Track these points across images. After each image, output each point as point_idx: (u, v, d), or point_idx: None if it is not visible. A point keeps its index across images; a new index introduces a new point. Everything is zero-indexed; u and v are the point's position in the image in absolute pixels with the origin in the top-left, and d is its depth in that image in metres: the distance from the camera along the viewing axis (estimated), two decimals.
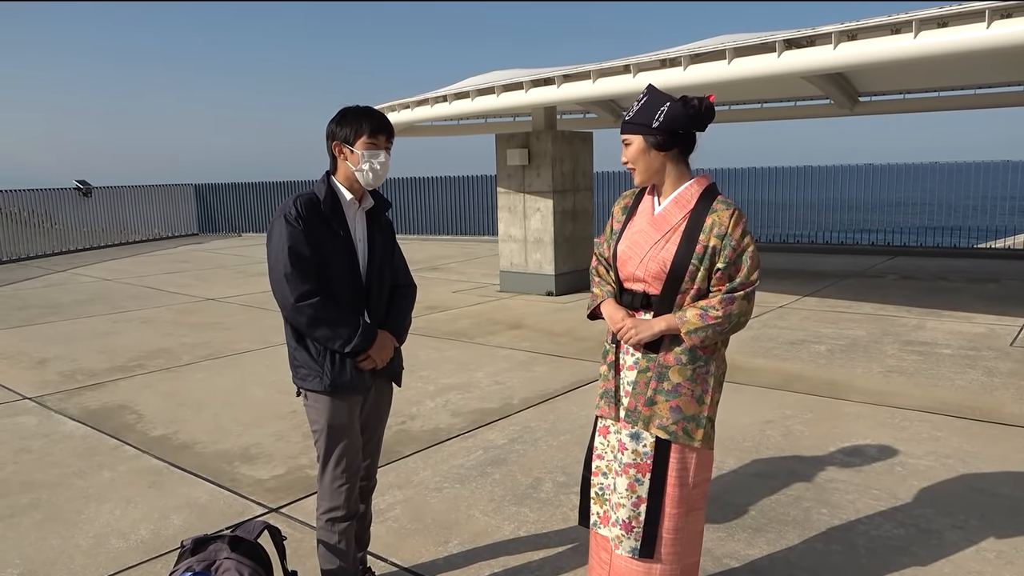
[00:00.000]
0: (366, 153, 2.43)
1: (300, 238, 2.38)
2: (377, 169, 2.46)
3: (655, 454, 2.25)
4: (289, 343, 2.52)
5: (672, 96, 2.22)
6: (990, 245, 13.42)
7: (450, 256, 14.07)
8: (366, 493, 2.75)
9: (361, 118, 2.46)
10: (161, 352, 6.87)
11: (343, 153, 2.47)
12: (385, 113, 2.85)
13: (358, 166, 2.45)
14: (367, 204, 2.57)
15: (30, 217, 16.98)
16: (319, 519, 2.54)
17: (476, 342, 6.96)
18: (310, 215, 2.42)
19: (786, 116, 12.03)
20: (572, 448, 4.21)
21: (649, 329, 2.23)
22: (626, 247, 2.32)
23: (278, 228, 2.41)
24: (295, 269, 2.36)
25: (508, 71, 10.01)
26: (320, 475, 2.52)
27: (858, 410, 4.73)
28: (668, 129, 2.20)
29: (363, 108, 2.50)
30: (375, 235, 2.58)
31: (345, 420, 2.48)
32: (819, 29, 6.03)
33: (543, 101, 8.39)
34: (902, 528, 3.19)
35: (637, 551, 2.28)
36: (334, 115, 2.52)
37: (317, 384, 2.44)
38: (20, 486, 3.94)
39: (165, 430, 4.76)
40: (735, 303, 2.19)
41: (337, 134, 2.47)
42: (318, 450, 2.52)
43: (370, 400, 2.61)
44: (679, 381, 2.24)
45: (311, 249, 2.39)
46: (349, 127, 2.45)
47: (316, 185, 2.52)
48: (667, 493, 2.28)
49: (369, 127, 2.43)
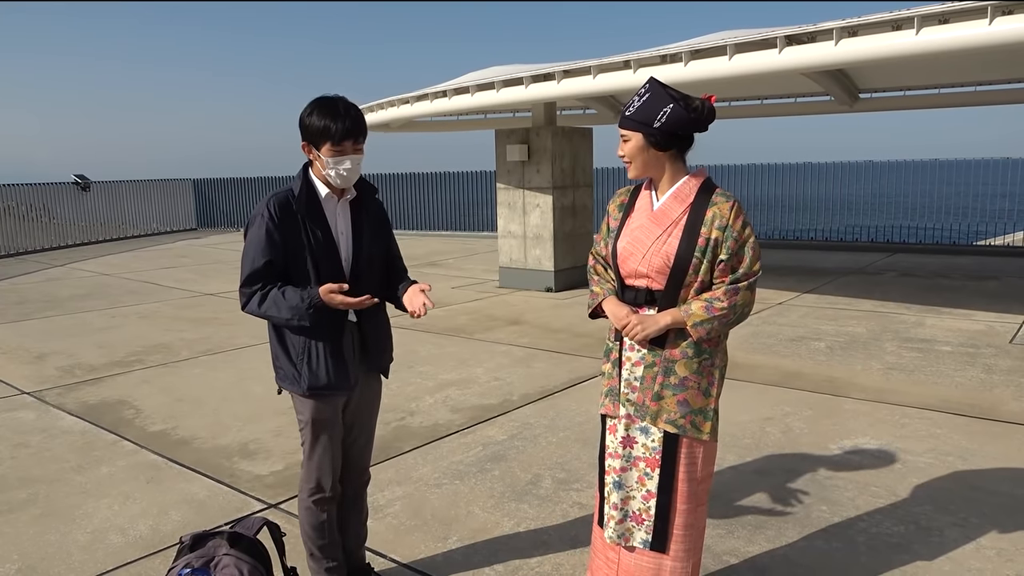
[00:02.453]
0: (331, 160, 2.35)
1: (265, 244, 2.37)
2: (344, 175, 2.39)
3: (663, 449, 2.26)
4: (272, 345, 2.53)
5: (674, 95, 2.20)
6: (990, 242, 13.42)
7: (449, 252, 14.05)
8: (360, 487, 2.76)
9: (326, 121, 2.32)
10: (160, 347, 6.86)
11: (312, 154, 2.41)
12: (384, 109, 2.80)
13: (325, 171, 2.39)
14: (349, 195, 2.51)
15: (28, 211, 16.96)
16: (303, 501, 2.60)
17: (475, 338, 6.95)
18: (284, 216, 2.38)
19: (786, 113, 12.00)
20: (571, 445, 4.21)
21: (655, 324, 2.23)
22: (627, 244, 2.31)
23: (250, 232, 2.41)
24: (248, 276, 2.39)
25: (508, 67, 9.98)
26: (306, 461, 2.57)
27: (858, 407, 4.73)
28: (669, 131, 2.20)
29: (331, 106, 2.34)
30: (361, 226, 2.52)
31: (328, 415, 2.52)
32: (820, 25, 6.01)
33: (543, 97, 8.37)
34: (902, 525, 3.18)
35: (648, 543, 2.31)
36: (306, 106, 2.39)
37: (295, 387, 2.47)
38: (18, 481, 3.93)
39: (164, 425, 4.75)
40: (739, 294, 2.20)
41: (306, 132, 2.38)
42: (303, 437, 2.56)
43: (357, 394, 2.60)
44: (686, 375, 2.25)
45: (276, 254, 2.38)
46: (315, 130, 2.34)
47: (294, 180, 2.47)
48: (677, 489, 2.30)
49: (335, 135, 2.32)
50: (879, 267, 10.87)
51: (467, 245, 15.13)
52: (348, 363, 2.49)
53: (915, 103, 10.85)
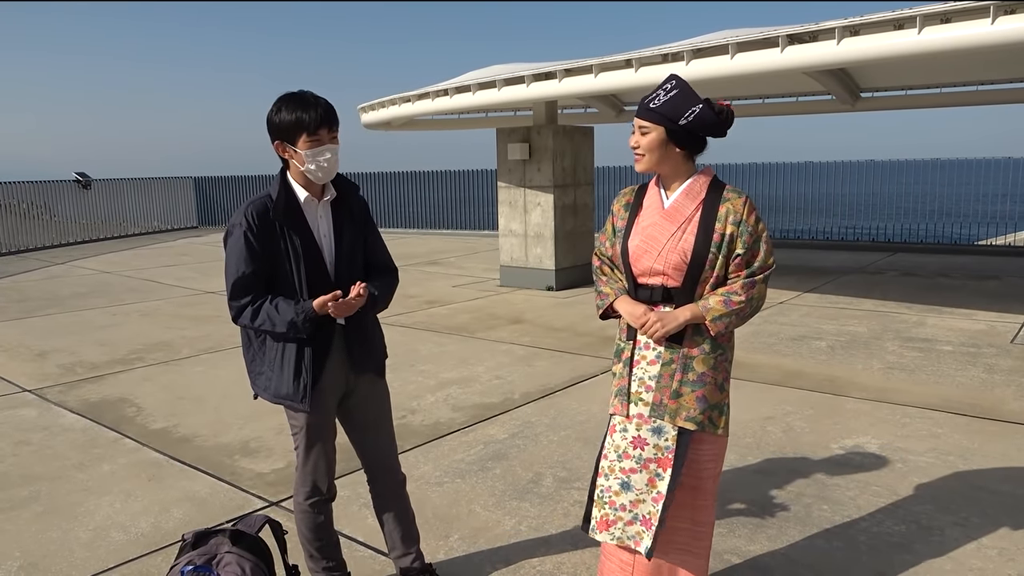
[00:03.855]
0: (309, 153, 2.28)
1: (246, 254, 2.31)
2: (324, 167, 2.32)
3: (677, 448, 2.26)
4: (244, 352, 2.52)
5: (700, 97, 2.22)
6: (991, 242, 13.41)
7: (450, 250, 14.05)
8: (397, 487, 2.70)
9: (298, 112, 2.26)
10: (161, 345, 6.87)
11: (287, 152, 2.33)
12: (385, 107, 2.78)
13: (304, 165, 2.31)
14: (329, 196, 2.44)
15: (29, 209, 16.96)
16: (299, 504, 2.59)
17: (476, 337, 6.95)
18: (262, 224, 2.32)
19: (787, 112, 12.00)
20: (573, 443, 4.21)
21: (675, 320, 2.23)
22: (639, 242, 2.29)
23: (229, 242, 2.35)
24: (233, 288, 2.34)
25: (509, 65, 9.98)
26: (300, 465, 2.55)
27: (859, 407, 4.73)
28: (694, 130, 2.21)
29: (299, 99, 2.28)
30: (342, 227, 2.46)
31: (321, 419, 2.50)
32: (822, 24, 6.01)
33: (544, 95, 8.36)
34: (903, 525, 3.18)
35: (650, 551, 2.27)
36: (272, 105, 2.31)
37: (265, 394, 2.47)
38: (20, 478, 3.94)
39: (165, 423, 4.75)
40: (755, 287, 2.23)
41: (277, 130, 2.30)
42: (296, 442, 2.54)
43: (358, 397, 2.57)
44: (703, 370, 2.26)
45: (259, 264, 2.32)
46: (287, 123, 2.27)
47: (272, 185, 2.40)
48: (696, 486, 2.30)
49: (310, 124, 2.25)
50: (880, 266, 10.86)
51: (468, 244, 15.13)
52: (335, 367, 2.46)
53: (916, 102, 10.84)
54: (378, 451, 2.65)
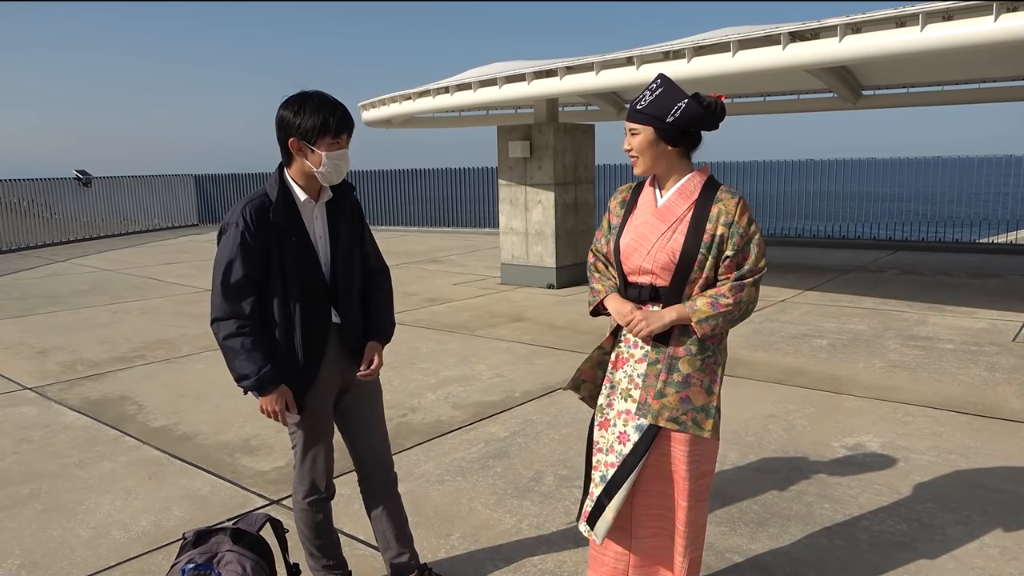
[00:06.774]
0: (330, 155, 2.26)
1: (242, 255, 2.27)
2: (340, 167, 2.31)
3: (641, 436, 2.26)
4: None
5: (686, 92, 2.21)
6: (992, 240, 13.39)
7: (451, 248, 14.05)
8: (389, 486, 2.68)
9: (324, 113, 2.23)
10: (161, 343, 6.86)
11: (302, 151, 2.28)
12: (386, 105, 2.78)
13: (319, 166, 2.28)
14: (325, 198, 2.41)
15: (30, 207, 16.96)
16: (298, 503, 2.58)
17: (477, 334, 6.94)
18: (260, 224, 2.28)
19: (789, 110, 11.99)
20: (574, 441, 4.20)
21: (659, 320, 2.22)
22: (631, 240, 2.30)
23: (224, 241, 2.31)
24: (223, 288, 2.29)
25: (510, 63, 9.96)
26: (299, 464, 2.55)
27: (860, 405, 4.72)
28: (682, 126, 2.19)
29: (322, 99, 2.26)
30: (338, 228, 2.44)
31: (319, 417, 2.50)
32: (824, 22, 5.99)
33: (545, 93, 8.35)
34: (905, 523, 3.18)
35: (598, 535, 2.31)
36: (287, 100, 2.27)
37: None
38: (21, 476, 3.94)
39: (166, 421, 4.75)
40: (744, 290, 2.20)
41: (295, 128, 2.25)
42: (294, 440, 2.54)
43: (351, 395, 2.57)
44: (689, 372, 2.24)
45: (253, 266, 2.29)
46: (311, 123, 2.23)
47: (269, 184, 2.35)
48: (677, 485, 2.29)
49: (335, 126, 2.24)
50: (881, 264, 10.85)
51: (469, 241, 15.12)
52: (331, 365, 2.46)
53: (918, 100, 10.82)
54: (371, 447, 2.64)
